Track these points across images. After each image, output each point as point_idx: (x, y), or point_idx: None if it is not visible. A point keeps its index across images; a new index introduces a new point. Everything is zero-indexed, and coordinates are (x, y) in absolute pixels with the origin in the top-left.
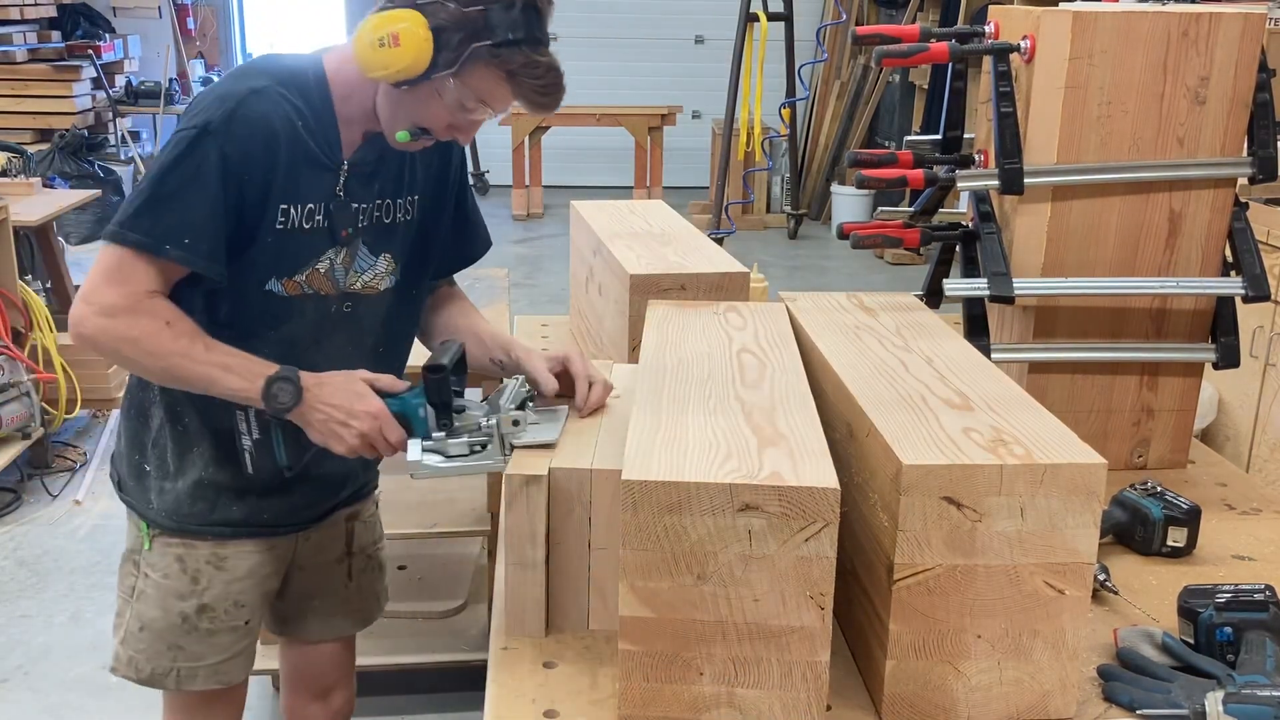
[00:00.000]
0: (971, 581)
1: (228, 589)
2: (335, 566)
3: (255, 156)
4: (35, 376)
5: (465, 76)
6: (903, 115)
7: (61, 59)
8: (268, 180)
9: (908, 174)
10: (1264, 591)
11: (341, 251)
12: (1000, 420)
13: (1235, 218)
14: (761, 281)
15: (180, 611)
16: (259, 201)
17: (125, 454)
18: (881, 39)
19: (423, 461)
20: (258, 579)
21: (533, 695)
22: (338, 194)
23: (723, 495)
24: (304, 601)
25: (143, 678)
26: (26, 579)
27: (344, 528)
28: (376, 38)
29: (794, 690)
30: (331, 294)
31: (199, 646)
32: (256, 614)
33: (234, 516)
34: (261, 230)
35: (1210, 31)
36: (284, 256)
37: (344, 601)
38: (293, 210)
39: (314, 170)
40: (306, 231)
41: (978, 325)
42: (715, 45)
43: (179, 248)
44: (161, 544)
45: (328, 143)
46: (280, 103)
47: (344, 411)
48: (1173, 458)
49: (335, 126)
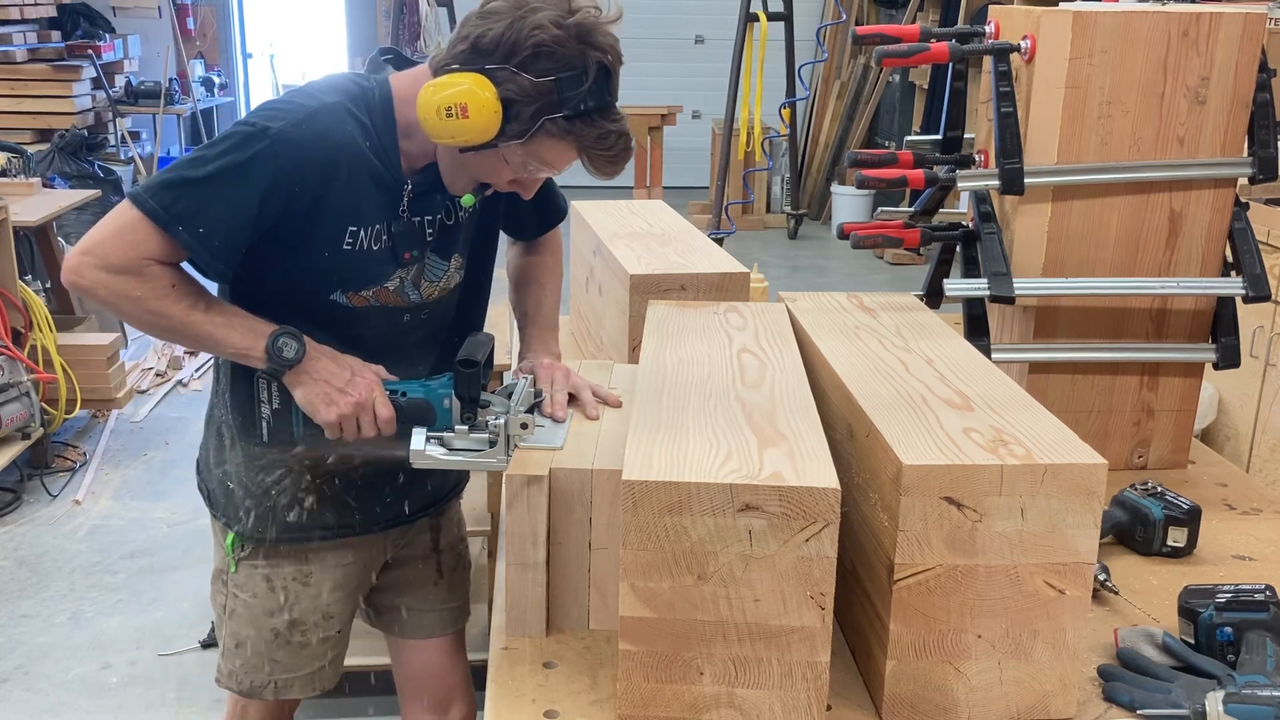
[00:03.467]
0: (972, 581)
1: (316, 603)
2: (423, 564)
3: (311, 172)
4: (35, 376)
5: (534, 146)
6: (903, 115)
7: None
8: (320, 197)
9: (908, 174)
10: (1264, 591)
11: (411, 269)
12: (1000, 420)
13: (1235, 218)
14: (761, 281)
15: (271, 628)
16: (307, 216)
17: (210, 465)
18: (881, 39)
19: (425, 451)
20: (346, 590)
21: (533, 695)
22: (400, 214)
23: (723, 495)
24: (394, 599)
25: (243, 689)
26: (26, 579)
27: (429, 523)
28: (444, 106)
29: (794, 690)
30: (402, 305)
31: (293, 659)
32: (348, 622)
33: (327, 520)
34: (319, 245)
35: (1210, 31)
36: (350, 274)
37: (436, 600)
38: (362, 233)
39: (379, 189)
40: (374, 252)
41: (978, 325)
42: (715, 45)
43: (190, 233)
44: (247, 566)
45: (392, 162)
46: (348, 120)
47: (341, 379)
48: (1173, 458)
49: (398, 147)
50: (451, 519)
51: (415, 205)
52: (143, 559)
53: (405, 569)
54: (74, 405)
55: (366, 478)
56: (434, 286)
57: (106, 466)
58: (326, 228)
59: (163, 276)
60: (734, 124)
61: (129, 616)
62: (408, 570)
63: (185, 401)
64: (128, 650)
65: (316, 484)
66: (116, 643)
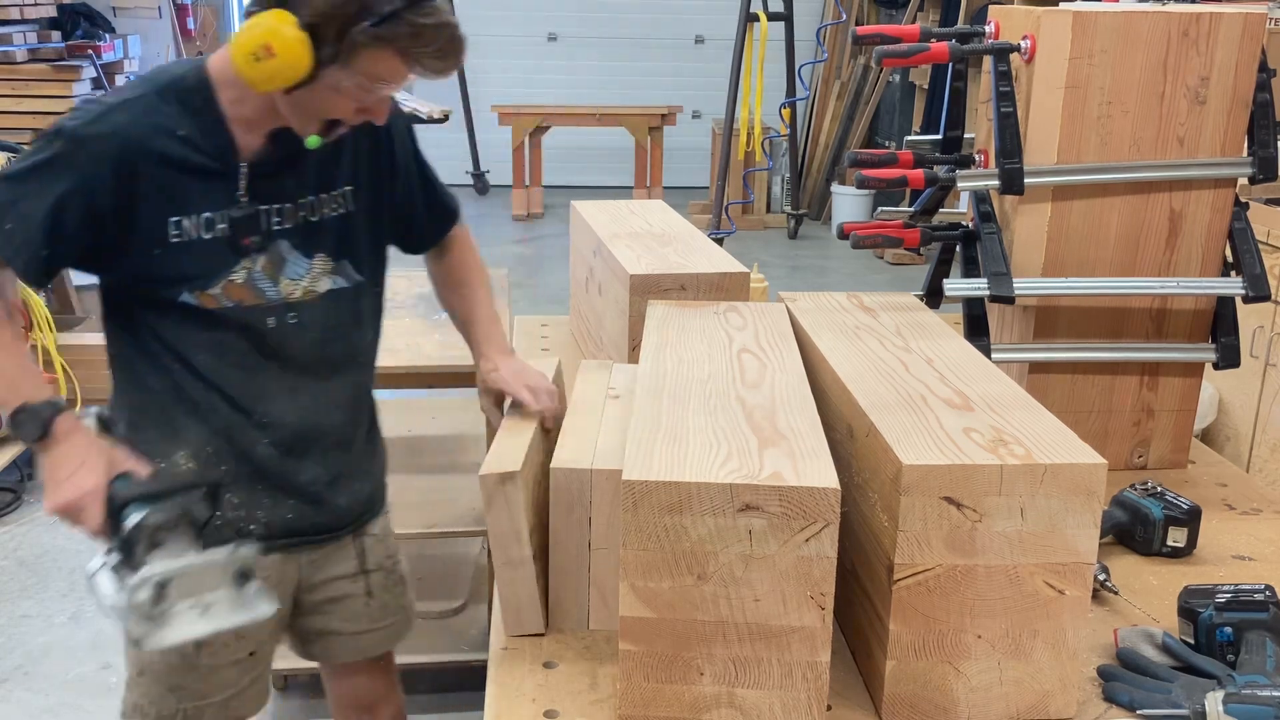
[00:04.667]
0: (971, 581)
1: None
2: (351, 586)
3: (108, 167)
4: None
5: (354, 64)
6: (903, 115)
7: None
8: (128, 191)
9: (908, 174)
10: (1264, 591)
11: (259, 259)
12: (1000, 420)
13: (1235, 218)
14: (761, 281)
15: (178, 650)
16: (121, 211)
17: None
18: (881, 39)
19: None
20: None
21: (533, 695)
22: (239, 199)
23: (723, 495)
24: (324, 623)
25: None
26: (26, 579)
27: (353, 546)
28: (250, 52)
29: (794, 690)
30: (261, 304)
31: (202, 685)
32: (265, 645)
33: (222, 535)
34: (145, 241)
35: (1210, 31)
36: (188, 270)
37: (369, 620)
38: (186, 222)
39: (205, 178)
40: (206, 242)
41: (978, 325)
42: (715, 45)
43: (6, 243)
44: None
45: (218, 148)
46: (155, 111)
47: (61, 476)
48: (1173, 458)
49: (226, 131)
50: (379, 539)
51: (258, 189)
52: None
53: (332, 589)
54: (74, 405)
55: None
56: (295, 285)
57: None
58: (146, 222)
59: None
60: (734, 124)
61: None
62: (334, 590)
63: None
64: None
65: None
66: (116, 643)
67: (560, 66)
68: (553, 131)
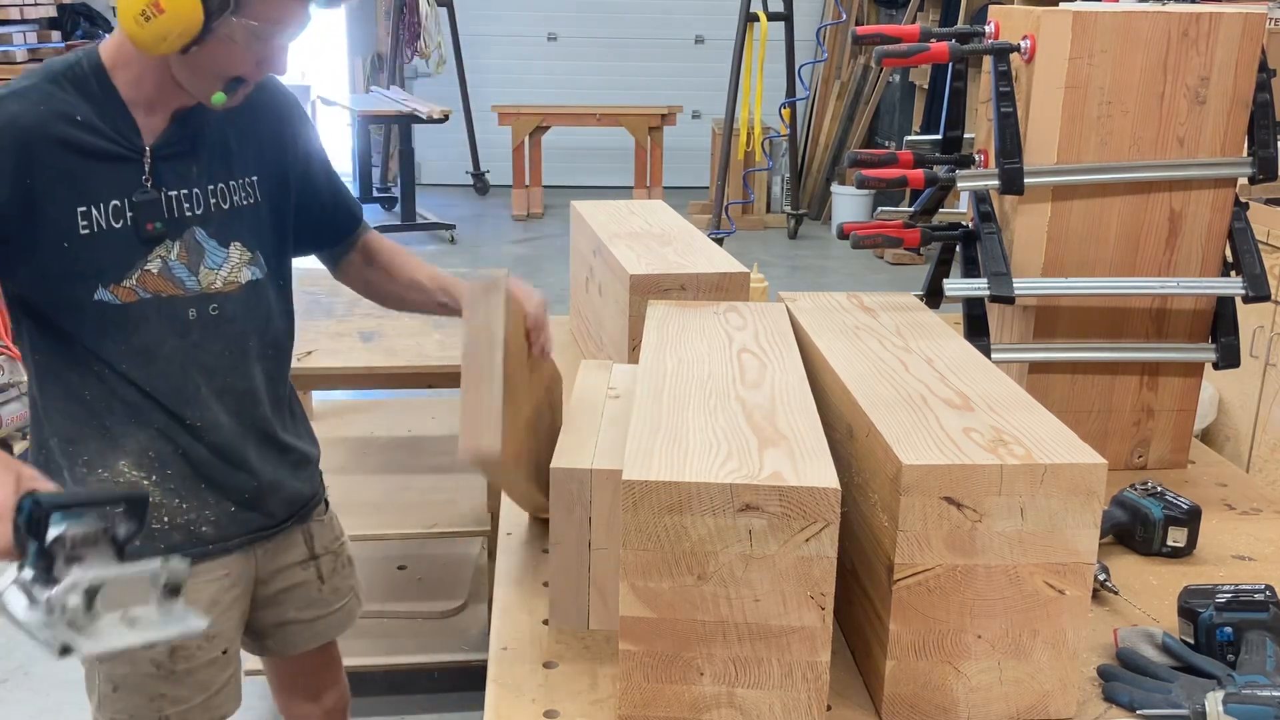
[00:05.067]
0: (971, 581)
1: None
2: (302, 572)
3: (7, 158)
4: None
5: (246, 8)
6: (903, 115)
7: None
8: (27, 183)
9: (908, 174)
10: (1264, 591)
11: (174, 246)
12: (1000, 420)
13: (1235, 218)
14: (761, 281)
15: (150, 659)
16: (23, 205)
17: None
18: (881, 39)
19: (4, 597)
20: (223, 606)
21: (533, 695)
22: (144, 184)
23: (723, 495)
24: (280, 614)
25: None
26: None
27: (301, 533)
28: (138, 12)
29: (794, 690)
30: (182, 295)
31: (181, 689)
32: (234, 642)
33: (175, 539)
34: (52, 236)
35: (1210, 31)
36: (101, 261)
37: (324, 606)
38: (94, 211)
39: (109, 164)
40: (117, 231)
41: (978, 325)
42: (715, 45)
43: None
44: None
45: (119, 133)
46: (46, 101)
47: None
48: (1173, 458)
49: (127, 114)
50: (324, 523)
51: (163, 174)
52: None
53: (284, 578)
54: None
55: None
56: (215, 274)
57: None
58: (52, 214)
59: None
60: (734, 124)
61: None
62: (287, 579)
63: None
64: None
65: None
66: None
67: (560, 66)
68: (553, 131)
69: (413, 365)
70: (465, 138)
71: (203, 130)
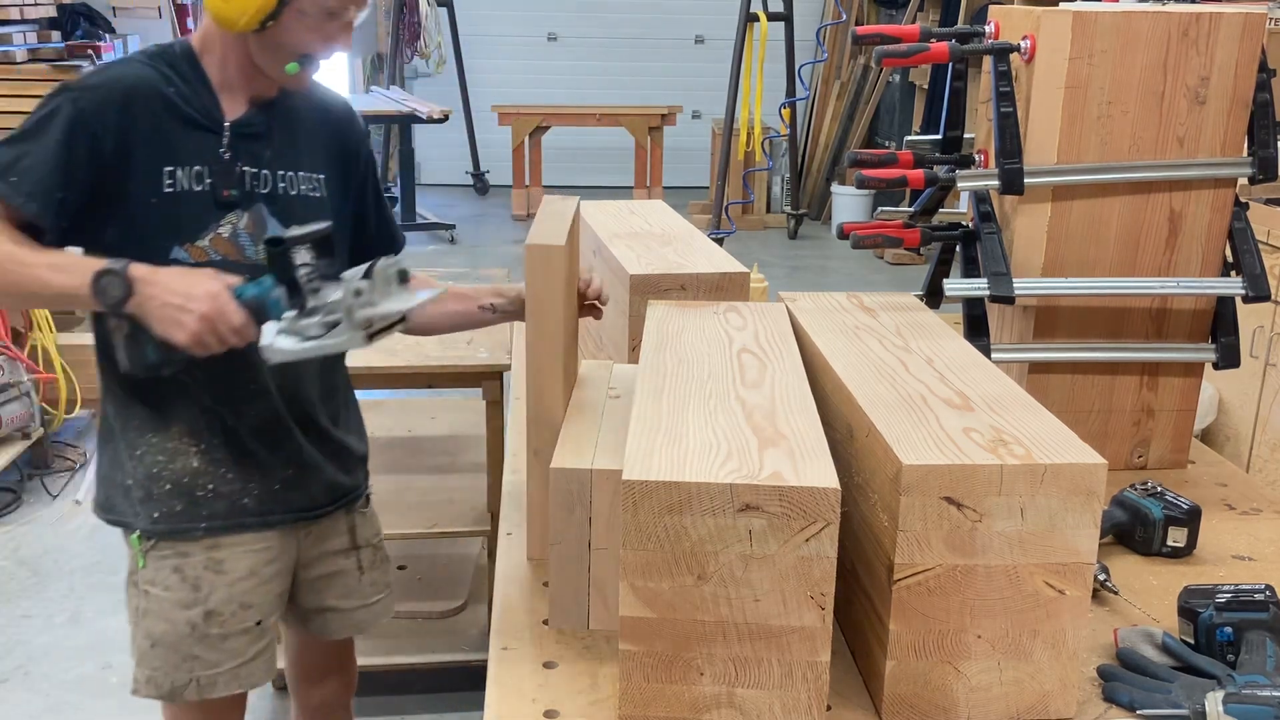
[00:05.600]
0: (971, 581)
1: (231, 591)
2: (345, 561)
3: (110, 112)
4: (35, 376)
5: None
6: (903, 115)
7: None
8: (127, 136)
9: (908, 174)
10: (1264, 591)
11: (244, 217)
12: (1000, 420)
13: (1235, 218)
14: (761, 281)
15: (187, 620)
16: (119, 156)
17: (106, 476)
18: (881, 39)
19: (275, 345)
20: (261, 578)
21: (533, 695)
22: (221, 155)
23: (723, 495)
24: (320, 600)
25: (163, 694)
26: (26, 579)
27: (345, 522)
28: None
29: (794, 690)
30: (241, 263)
31: (213, 654)
32: (269, 616)
33: (219, 509)
34: (142, 191)
35: (1210, 31)
36: (180, 221)
37: (362, 597)
38: (179, 172)
39: (193, 131)
40: (197, 194)
41: (978, 325)
42: (715, 45)
43: (3, 182)
44: (155, 558)
45: (204, 107)
46: (145, 69)
47: (181, 295)
48: (1173, 458)
49: (211, 92)
50: (366, 518)
51: (239, 150)
52: None
53: (328, 564)
54: (74, 405)
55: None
56: None
57: None
58: (142, 169)
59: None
60: (734, 124)
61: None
62: (329, 565)
63: None
64: (128, 650)
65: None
66: (116, 643)
67: (560, 66)
68: (553, 131)
69: (413, 365)
70: (465, 138)
71: (277, 119)
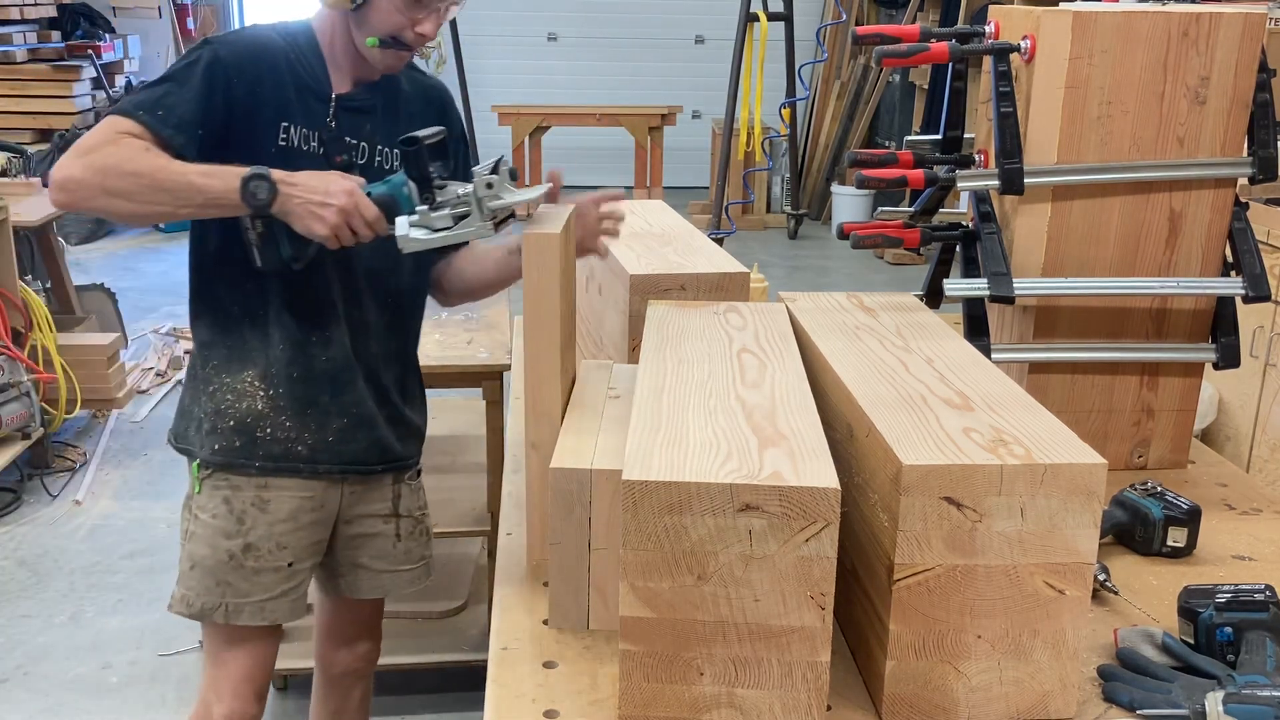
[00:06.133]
0: (971, 581)
1: (270, 530)
2: (383, 526)
3: (246, 64)
4: (35, 376)
5: None
6: (903, 115)
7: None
8: (257, 88)
9: (908, 174)
10: (1264, 591)
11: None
12: (1000, 420)
13: (1235, 218)
14: (761, 281)
15: (227, 549)
16: (249, 104)
17: (185, 409)
18: (881, 39)
19: (410, 235)
20: (300, 524)
21: (533, 695)
22: (329, 124)
23: (723, 495)
24: (354, 556)
25: (193, 612)
26: (26, 579)
27: (391, 489)
28: None
29: (794, 690)
30: None
31: (245, 584)
32: (302, 560)
33: (274, 451)
34: (264, 141)
35: (1210, 31)
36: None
37: (392, 562)
38: (293, 130)
39: (309, 96)
40: (306, 154)
41: (978, 325)
42: (715, 45)
43: (150, 115)
44: (210, 486)
45: (316, 77)
46: (274, 35)
47: (321, 193)
48: (1173, 458)
49: (324, 66)
50: (413, 490)
51: (344, 121)
52: (143, 559)
53: (366, 525)
54: (74, 405)
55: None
56: None
57: (106, 466)
58: (264, 120)
59: (138, 142)
60: (734, 124)
61: (129, 616)
62: (367, 526)
63: None
64: (128, 650)
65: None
66: (116, 643)
67: (560, 66)
68: (553, 131)
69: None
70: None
71: (380, 98)
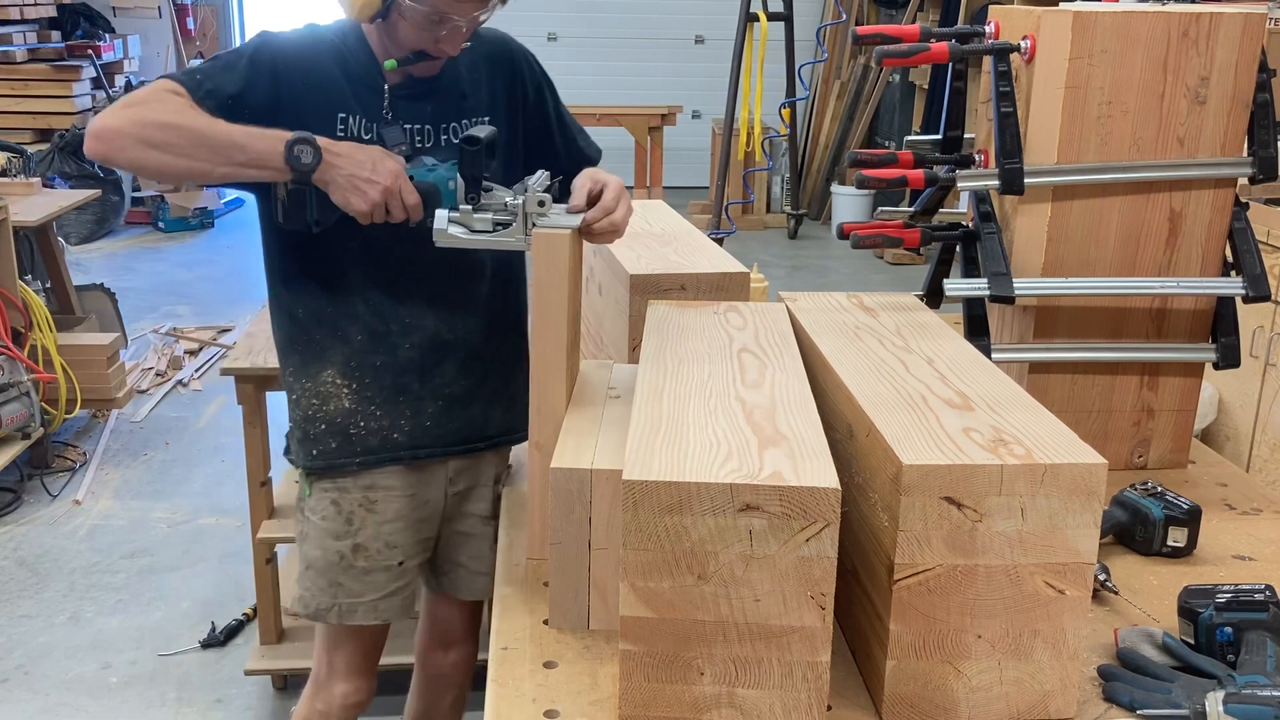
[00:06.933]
0: (972, 581)
1: (379, 530)
2: (482, 526)
3: (296, 56)
4: (35, 376)
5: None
6: (903, 115)
7: (61, 59)
8: (308, 79)
9: (908, 174)
10: (1264, 591)
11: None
12: (1000, 420)
13: (1235, 218)
14: (761, 281)
15: (337, 550)
16: (299, 90)
17: (289, 424)
18: (881, 39)
19: (448, 230)
20: (407, 522)
21: (533, 695)
22: (384, 114)
23: (724, 495)
24: (455, 555)
25: (309, 612)
26: (26, 579)
27: (493, 491)
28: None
29: (794, 690)
30: None
31: (356, 584)
32: (411, 559)
33: (371, 444)
34: (320, 131)
35: (1210, 31)
36: None
37: (487, 565)
38: (351, 120)
39: (363, 88)
40: (365, 141)
41: (978, 325)
42: (715, 45)
43: (189, 79)
44: (319, 490)
45: (370, 72)
46: (325, 31)
47: (368, 169)
48: (1173, 458)
49: (374, 60)
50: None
51: (399, 109)
52: (143, 559)
53: (467, 524)
54: (74, 405)
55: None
56: None
57: (106, 466)
58: (319, 110)
59: (182, 99)
60: (734, 124)
61: (129, 616)
62: (469, 526)
63: (185, 401)
64: (128, 650)
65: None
66: (116, 643)
67: (560, 66)
68: None
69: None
70: None
71: (438, 78)
